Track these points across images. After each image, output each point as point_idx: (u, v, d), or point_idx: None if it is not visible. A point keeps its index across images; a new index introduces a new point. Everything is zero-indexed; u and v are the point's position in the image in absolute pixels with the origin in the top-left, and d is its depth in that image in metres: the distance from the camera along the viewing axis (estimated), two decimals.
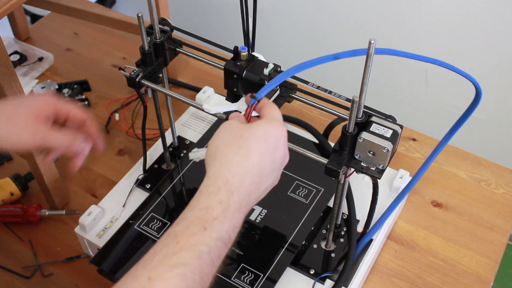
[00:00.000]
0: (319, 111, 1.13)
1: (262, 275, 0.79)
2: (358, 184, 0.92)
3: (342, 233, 0.86)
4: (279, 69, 0.72)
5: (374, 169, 0.67)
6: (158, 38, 0.79)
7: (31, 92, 1.19)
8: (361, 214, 0.87)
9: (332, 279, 0.81)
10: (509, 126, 1.62)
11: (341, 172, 0.67)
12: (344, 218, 0.87)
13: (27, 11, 1.93)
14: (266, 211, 0.87)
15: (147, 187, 0.93)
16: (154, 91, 0.83)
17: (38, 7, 1.27)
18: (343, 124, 0.68)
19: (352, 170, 0.69)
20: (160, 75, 0.83)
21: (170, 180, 0.93)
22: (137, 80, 0.78)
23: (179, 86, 1.20)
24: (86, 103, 1.16)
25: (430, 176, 1.01)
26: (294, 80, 0.75)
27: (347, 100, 0.70)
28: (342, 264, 0.82)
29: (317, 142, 0.99)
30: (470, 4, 1.45)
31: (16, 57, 1.27)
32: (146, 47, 0.78)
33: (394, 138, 0.65)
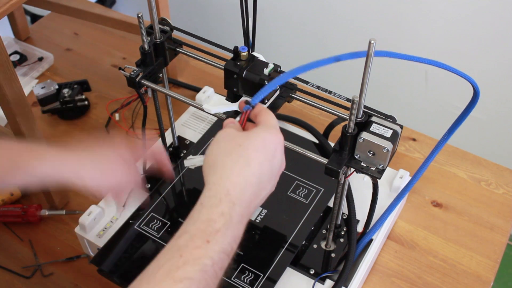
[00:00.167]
0: (319, 111, 1.13)
1: (262, 275, 0.79)
2: (358, 184, 0.92)
3: (342, 233, 0.86)
4: (279, 69, 0.72)
5: (374, 169, 0.67)
6: (158, 38, 0.79)
7: (31, 91, 1.19)
8: (361, 214, 0.87)
9: (332, 279, 0.81)
10: (509, 126, 1.62)
11: (341, 172, 0.67)
12: (344, 218, 0.87)
13: (27, 11, 1.93)
14: (266, 211, 0.87)
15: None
16: (154, 91, 0.83)
17: (38, 7, 1.27)
18: (343, 124, 0.68)
19: (352, 170, 0.69)
20: (160, 75, 0.83)
21: (170, 180, 0.93)
22: (137, 80, 0.78)
23: (179, 86, 1.20)
24: (86, 103, 1.16)
25: (430, 176, 1.01)
26: (294, 80, 0.75)
27: (347, 100, 0.70)
28: (342, 264, 0.82)
29: (317, 142, 0.99)
30: (470, 5, 1.45)
31: (16, 57, 1.27)
32: (146, 47, 0.78)
33: (394, 138, 0.65)
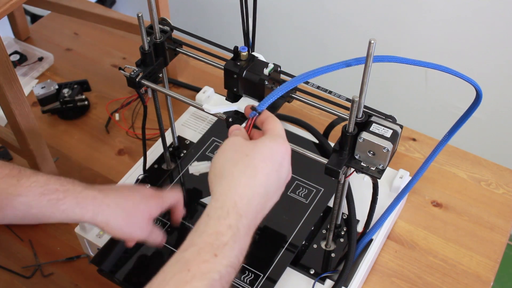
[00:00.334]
0: (319, 111, 1.13)
1: (262, 275, 0.79)
2: (358, 184, 0.92)
3: (342, 233, 0.86)
4: (279, 69, 0.72)
5: (374, 169, 0.67)
6: (158, 38, 0.79)
7: (31, 91, 1.19)
8: (361, 214, 0.87)
9: (332, 279, 0.81)
10: (509, 126, 1.62)
11: (341, 172, 0.67)
12: (344, 218, 0.87)
13: (27, 11, 1.93)
14: None
15: (147, 187, 0.93)
16: (154, 91, 0.83)
17: (38, 7, 1.27)
18: (343, 124, 0.68)
19: (352, 170, 0.69)
20: (160, 75, 0.83)
21: (170, 180, 0.93)
22: (137, 80, 0.78)
23: (179, 86, 1.20)
24: (86, 103, 1.16)
25: (430, 176, 1.01)
26: None
27: (347, 100, 0.70)
28: (342, 264, 0.82)
29: (317, 142, 0.99)
30: (470, 5, 1.45)
31: (16, 57, 1.27)
32: (146, 47, 0.78)
33: (394, 138, 0.65)
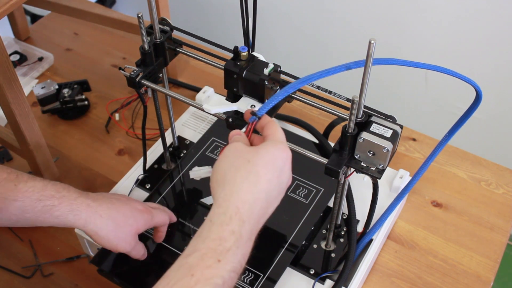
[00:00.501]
0: (319, 111, 1.13)
1: (262, 275, 0.79)
2: (358, 184, 0.92)
3: (342, 233, 0.86)
4: (279, 69, 0.72)
5: (374, 169, 0.67)
6: (158, 38, 0.79)
7: (31, 91, 1.19)
8: (361, 214, 0.87)
9: (332, 279, 0.81)
10: (509, 126, 1.62)
11: (341, 172, 0.67)
12: (344, 218, 0.87)
13: (27, 11, 1.93)
14: None
15: (147, 187, 0.93)
16: (154, 91, 0.83)
17: (38, 7, 1.27)
18: (343, 124, 0.68)
19: (352, 170, 0.69)
20: (160, 75, 0.83)
21: (170, 180, 0.93)
22: (137, 80, 0.78)
23: (179, 86, 1.20)
24: (86, 103, 1.16)
25: (430, 176, 1.01)
26: (294, 80, 0.75)
27: (347, 100, 0.70)
28: (342, 264, 0.82)
29: (317, 142, 0.99)
30: (470, 6, 1.45)
31: (16, 57, 1.27)
32: (146, 47, 0.78)
33: (394, 138, 0.65)
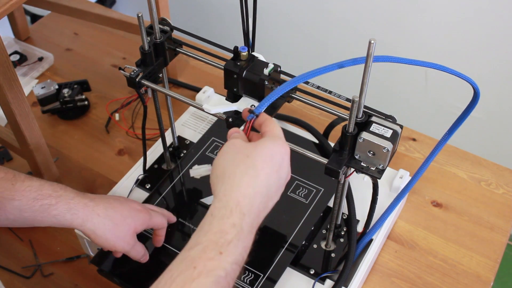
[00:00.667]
0: (319, 111, 1.13)
1: (262, 275, 0.79)
2: (358, 184, 0.92)
3: (342, 233, 0.86)
4: (279, 69, 0.72)
5: (374, 169, 0.67)
6: (158, 38, 0.79)
7: (31, 91, 1.19)
8: (361, 214, 0.87)
9: (332, 279, 0.81)
10: (509, 126, 1.62)
11: (341, 172, 0.67)
12: (344, 218, 0.87)
13: (27, 11, 1.93)
14: None
15: (147, 187, 0.93)
16: (154, 91, 0.83)
17: (38, 7, 1.27)
18: (343, 124, 0.68)
19: (352, 170, 0.69)
20: (160, 75, 0.83)
21: (170, 180, 0.93)
22: (137, 80, 0.78)
23: (179, 86, 1.20)
24: (86, 103, 1.16)
25: (430, 176, 1.01)
26: None
27: (347, 100, 0.70)
28: (342, 264, 0.82)
29: (317, 142, 0.99)
30: (470, 6, 1.45)
31: (16, 57, 1.27)
32: (146, 47, 0.78)
33: (394, 138, 0.65)
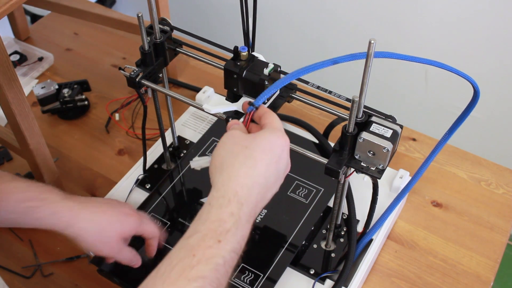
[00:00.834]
0: (319, 111, 1.13)
1: (262, 275, 0.79)
2: (358, 184, 0.92)
3: (342, 233, 0.86)
4: (279, 69, 0.72)
5: (374, 169, 0.67)
6: (158, 38, 0.79)
7: (31, 91, 1.19)
8: (361, 214, 0.87)
9: (332, 279, 0.81)
10: (509, 126, 1.62)
11: (341, 172, 0.67)
12: (344, 218, 0.87)
13: (27, 11, 1.93)
14: (266, 211, 0.87)
15: (147, 187, 0.93)
16: (154, 91, 0.83)
17: (38, 7, 1.27)
18: (343, 124, 0.68)
19: (352, 170, 0.69)
20: (160, 75, 0.83)
21: (170, 180, 0.93)
22: (137, 80, 0.78)
23: (179, 86, 1.20)
24: (86, 103, 1.16)
25: (430, 176, 1.01)
26: (294, 80, 0.75)
27: (347, 100, 0.70)
28: (342, 264, 0.82)
29: (317, 142, 0.99)
30: (470, 5, 1.45)
31: (16, 57, 1.27)
32: (146, 47, 0.78)
33: (394, 138, 0.65)
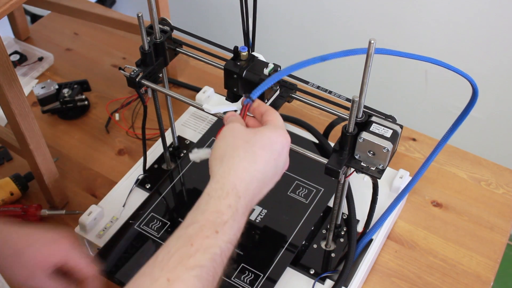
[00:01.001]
0: (319, 111, 1.13)
1: (262, 275, 0.79)
2: (358, 184, 0.92)
3: (342, 233, 0.86)
4: (279, 69, 0.72)
5: (374, 169, 0.67)
6: (158, 38, 0.79)
7: (31, 91, 1.19)
8: (361, 214, 0.87)
9: (332, 279, 0.81)
10: (509, 126, 1.62)
11: (341, 172, 0.67)
12: (344, 218, 0.87)
13: (27, 11, 1.93)
14: (266, 211, 0.87)
15: (147, 187, 0.93)
16: (154, 91, 0.83)
17: (38, 7, 1.27)
18: (343, 124, 0.68)
19: (352, 170, 0.69)
20: (160, 75, 0.83)
21: (170, 180, 0.93)
22: (137, 80, 0.78)
23: (179, 86, 1.20)
24: (86, 103, 1.16)
25: (430, 176, 1.01)
26: (294, 80, 0.75)
27: (347, 100, 0.70)
28: (342, 264, 0.82)
29: (317, 142, 0.99)
30: (470, 5, 1.45)
31: (16, 57, 1.27)
32: (146, 47, 0.78)
33: (394, 138, 0.65)
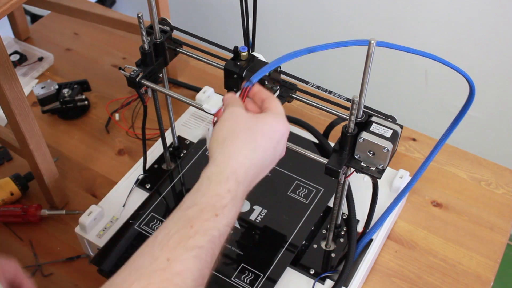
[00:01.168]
0: (319, 111, 1.13)
1: (262, 275, 0.79)
2: (358, 184, 0.92)
3: (342, 233, 0.86)
4: (279, 69, 0.72)
5: (374, 169, 0.67)
6: (158, 38, 0.79)
7: (31, 91, 1.19)
8: (361, 214, 0.87)
9: (332, 279, 0.81)
10: (509, 126, 1.62)
11: (341, 172, 0.67)
12: (344, 218, 0.87)
13: (27, 11, 1.93)
14: (266, 211, 0.87)
15: (147, 187, 0.93)
16: (154, 91, 0.83)
17: (38, 7, 1.27)
18: (343, 124, 0.68)
19: (352, 170, 0.69)
20: (160, 75, 0.83)
21: (170, 180, 0.93)
22: (137, 80, 0.78)
23: (179, 86, 1.20)
24: (86, 103, 1.16)
25: (430, 176, 1.01)
26: (294, 80, 0.75)
27: (347, 100, 0.70)
28: (342, 264, 0.82)
29: (317, 142, 0.99)
30: (470, 5, 1.45)
31: (16, 57, 1.27)
32: (146, 47, 0.78)
33: (394, 138, 0.65)
